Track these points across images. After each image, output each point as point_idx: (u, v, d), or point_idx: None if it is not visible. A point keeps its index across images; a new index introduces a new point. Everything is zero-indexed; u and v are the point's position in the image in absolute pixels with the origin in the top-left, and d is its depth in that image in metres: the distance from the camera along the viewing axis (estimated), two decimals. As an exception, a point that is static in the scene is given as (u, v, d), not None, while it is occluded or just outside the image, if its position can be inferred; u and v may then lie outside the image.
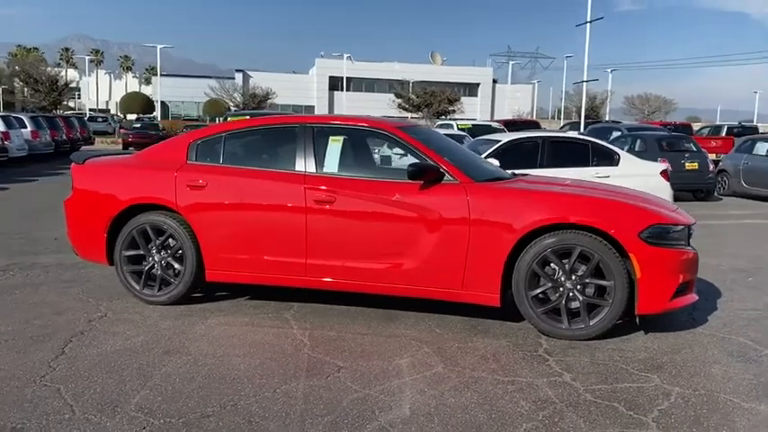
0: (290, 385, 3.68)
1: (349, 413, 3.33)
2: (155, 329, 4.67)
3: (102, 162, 5.69)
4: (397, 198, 4.77)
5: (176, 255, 5.24)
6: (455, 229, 4.63)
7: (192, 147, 5.32)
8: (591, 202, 4.65)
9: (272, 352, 4.24)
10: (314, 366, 3.98)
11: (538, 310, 4.58)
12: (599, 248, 4.45)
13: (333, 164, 5.04)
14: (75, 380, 3.71)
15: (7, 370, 3.84)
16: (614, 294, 4.45)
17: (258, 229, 5.01)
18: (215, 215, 5.08)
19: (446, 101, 45.73)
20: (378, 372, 3.91)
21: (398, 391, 3.62)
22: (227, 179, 5.10)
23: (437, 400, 3.51)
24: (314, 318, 5.00)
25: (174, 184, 5.15)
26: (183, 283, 5.23)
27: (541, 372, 3.97)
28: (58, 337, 4.45)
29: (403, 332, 4.69)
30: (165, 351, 4.22)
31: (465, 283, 4.68)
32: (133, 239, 5.29)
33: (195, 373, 3.84)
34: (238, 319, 4.95)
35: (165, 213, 5.22)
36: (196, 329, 4.69)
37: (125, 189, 5.30)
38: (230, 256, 5.09)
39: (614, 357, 4.24)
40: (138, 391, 3.56)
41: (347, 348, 4.33)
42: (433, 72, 66.33)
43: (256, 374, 3.84)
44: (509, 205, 4.63)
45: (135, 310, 5.13)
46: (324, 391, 3.60)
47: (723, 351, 4.41)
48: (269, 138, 5.42)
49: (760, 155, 15.56)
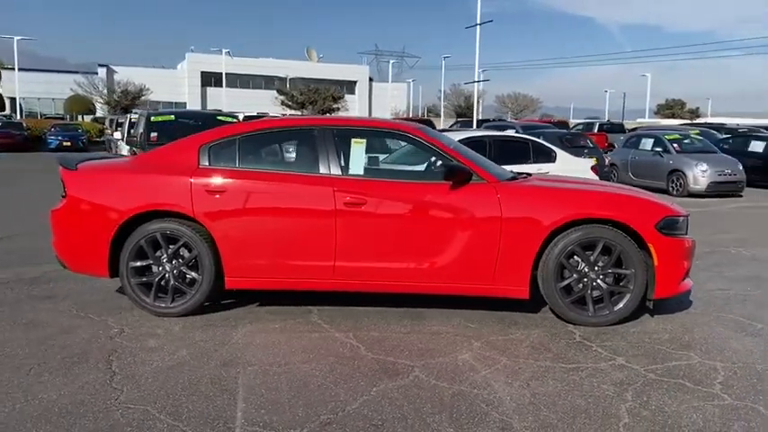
0: (379, 387, 3.71)
1: (459, 408, 3.44)
2: (190, 342, 4.48)
3: (100, 167, 5.32)
4: (430, 199, 4.88)
5: (190, 263, 5.03)
6: (488, 227, 4.83)
7: (203, 150, 5.12)
8: (612, 197, 5.03)
9: (333, 356, 4.22)
10: (386, 367, 4.02)
11: (566, 300, 4.89)
12: (621, 240, 4.82)
13: (358, 166, 5.06)
14: (156, 399, 3.52)
15: (69, 395, 3.56)
16: (635, 281, 4.85)
17: (284, 233, 4.93)
18: (237, 221, 4.94)
19: (330, 98, 45.85)
20: (451, 368, 4.02)
21: (487, 385, 3.76)
22: (250, 183, 4.97)
23: (528, 390, 3.69)
24: (343, 320, 5.01)
25: (189, 189, 4.94)
26: (200, 293, 5.03)
27: (595, 357, 4.26)
28: (93, 358, 4.15)
29: (441, 329, 4.82)
30: (222, 363, 4.08)
31: (496, 278, 4.90)
32: (141, 249, 5.01)
33: (276, 383, 3.76)
34: (268, 326, 4.85)
35: (178, 220, 4.99)
36: (234, 339, 4.55)
37: (131, 196, 5.00)
38: (253, 263, 4.97)
39: (644, 340, 4.63)
40: (234, 405, 3.45)
41: (401, 348, 4.39)
42: (310, 69, 66.03)
43: (338, 379, 3.82)
44: (538, 203, 4.90)
45: (150, 324, 4.87)
46: (418, 390, 3.67)
47: (726, 328, 4.94)
48: (286, 140, 5.33)
49: (645, 150, 17.11)
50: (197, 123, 11.90)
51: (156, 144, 10.69)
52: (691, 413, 3.41)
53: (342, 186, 4.90)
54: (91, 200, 5.07)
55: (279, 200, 4.94)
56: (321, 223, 4.89)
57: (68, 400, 3.50)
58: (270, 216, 4.93)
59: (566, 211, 4.82)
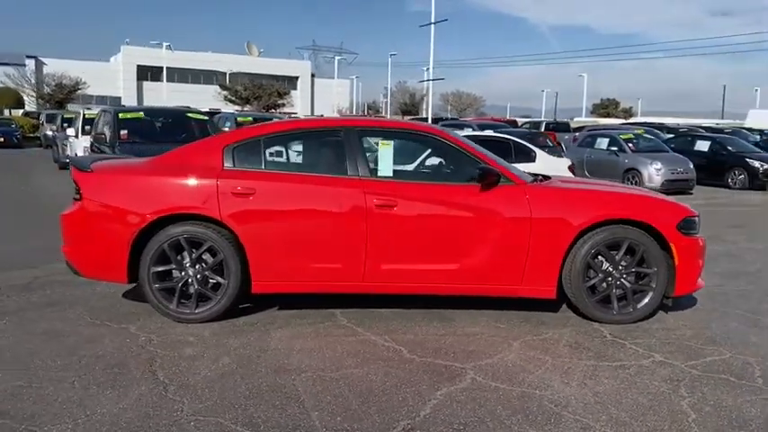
0: (442, 391, 3.72)
1: (530, 409, 3.49)
2: (228, 349, 4.37)
3: (117, 169, 5.12)
4: (461, 201, 4.92)
5: (215, 268, 4.90)
6: (518, 229, 4.90)
7: (227, 151, 4.99)
8: (636, 199, 5.19)
9: (380, 360, 4.20)
10: (439, 370, 4.03)
11: (592, 299, 5.02)
12: (644, 240, 4.98)
13: (387, 168, 5.04)
14: (223, 409, 3.42)
15: (130, 408, 3.42)
16: (658, 280, 5.02)
17: (314, 236, 4.87)
18: (266, 224, 4.84)
19: (276, 94, 45.29)
20: (503, 369, 4.07)
21: (546, 386, 3.82)
22: (278, 185, 4.88)
23: (588, 390, 3.77)
24: (372, 322, 4.98)
25: (215, 192, 4.80)
26: (227, 297, 4.91)
27: (634, 354, 4.40)
28: (134, 368, 4.00)
29: (473, 330, 4.86)
30: (273, 370, 4.00)
31: (524, 278, 4.98)
32: (163, 254, 4.85)
33: (338, 389, 3.71)
34: (301, 331, 4.78)
35: (203, 224, 4.85)
36: (272, 345, 4.46)
37: (154, 199, 4.83)
38: (282, 266, 4.89)
39: (670, 336, 4.81)
40: (307, 413, 3.39)
41: (444, 350, 4.41)
42: (251, 64, 64.92)
43: (398, 383, 3.81)
44: (567, 204, 5.00)
45: (176, 331, 4.72)
46: (482, 392, 3.70)
47: (740, 323, 5.17)
48: (312, 141, 5.26)
49: (601, 149, 17.69)
50: (167, 121, 11.58)
51: (127, 142, 10.34)
52: (749, 407, 3.57)
53: (372, 188, 4.87)
54: (110, 203, 4.87)
55: (309, 202, 4.88)
56: (352, 226, 4.85)
57: (132, 413, 3.36)
58: (299, 219, 4.86)
59: (594, 212, 4.94)
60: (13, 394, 3.58)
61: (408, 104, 52.02)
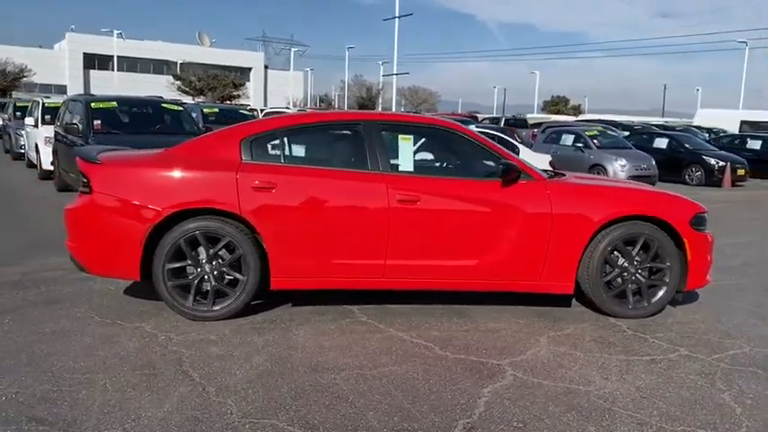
0: (488, 388, 3.69)
1: (582, 405, 3.50)
2: (256, 347, 4.25)
3: (129, 161, 4.90)
4: (482, 196, 4.90)
5: (233, 264, 4.75)
6: (539, 224, 4.91)
7: (245, 144, 4.84)
8: (652, 195, 5.27)
9: (416, 357, 4.15)
10: (477, 368, 4.01)
11: (610, 294, 5.08)
12: (658, 236, 5.06)
13: (408, 163, 4.99)
14: (274, 411, 3.32)
15: (176, 411, 3.28)
16: (671, 275, 5.12)
17: (336, 231, 4.77)
18: (287, 219, 4.72)
19: (231, 85, 44.48)
20: (540, 366, 4.07)
21: (587, 381, 3.84)
22: (300, 179, 4.76)
23: (630, 384, 3.81)
24: (392, 319, 4.93)
25: (235, 185, 4.66)
26: (246, 294, 4.77)
27: (660, 348, 4.47)
28: (165, 369, 3.84)
29: (495, 326, 4.85)
30: (311, 369, 3.90)
31: (544, 274, 5.00)
32: (179, 250, 4.68)
33: (384, 387, 3.65)
34: (323, 327, 4.68)
35: (221, 219, 4.69)
36: (299, 342, 4.36)
37: (170, 193, 4.65)
38: (303, 262, 4.78)
39: (686, 330, 4.91)
40: (360, 413, 3.32)
41: (474, 346, 4.39)
42: (203, 54, 63.53)
43: (441, 381, 3.77)
44: (587, 200, 5.04)
45: (195, 329, 4.56)
46: (528, 389, 3.69)
47: (748, 316, 5.32)
48: (330, 135, 5.15)
49: (567, 145, 18.00)
50: (141, 111, 11.22)
51: (101, 133, 9.97)
52: (787, 399, 3.67)
53: (394, 183, 4.81)
54: (123, 196, 4.66)
55: (331, 197, 4.78)
56: (374, 221, 4.78)
57: (179, 417, 3.23)
58: (321, 214, 4.76)
59: (613, 208, 5.00)
60: (44, 399, 3.38)
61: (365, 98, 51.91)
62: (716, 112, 33.88)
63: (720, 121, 31.72)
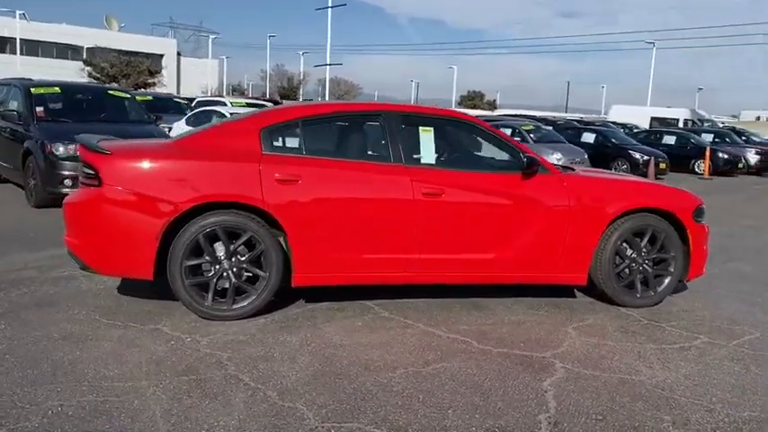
0: (548, 382, 3.69)
1: (644, 394, 3.56)
2: (294, 347, 4.07)
3: (140, 151, 4.55)
4: (504, 189, 4.91)
5: (254, 260, 4.54)
6: (558, 217, 4.97)
7: (264, 134, 4.62)
8: (660, 189, 5.45)
9: (460, 353, 4.10)
10: (525, 361, 3.99)
11: (620, 285, 5.21)
12: (664, 227, 5.24)
13: (429, 156, 4.92)
14: (361, 412, 3.18)
15: (256, 420, 3.09)
16: (675, 265, 5.31)
17: (360, 225, 4.64)
18: (312, 213, 4.54)
19: (146, 72, 42.56)
20: (583, 357, 4.11)
21: (634, 371, 3.92)
22: (324, 171, 4.60)
23: (676, 373, 3.91)
24: (415, 313, 4.85)
25: (258, 178, 4.44)
26: (267, 291, 4.57)
27: (683, 337, 4.62)
28: (210, 373, 3.61)
29: (519, 318, 4.87)
30: (364, 368, 3.78)
31: (560, 265, 5.07)
32: (197, 246, 4.42)
33: (448, 386, 3.58)
34: (351, 324, 4.55)
35: (242, 213, 4.46)
36: (335, 340, 4.21)
37: (188, 186, 4.37)
38: (327, 257, 4.62)
39: (695, 318, 5.11)
40: (444, 411, 3.24)
41: (510, 340, 4.38)
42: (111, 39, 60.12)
43: (500, 377, 3.74)
44: (602, 193, 5.15)
45: (217, 330, 4.32)
46: (586, 381, 3.72)
47: (742, 303, 5.58)
48: (351, 126, 5.00)
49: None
50: (86, 98, 10.52)
51: (44, 120, 9.28)
52: (821, 381, 3.88)
53: (418, 176, 4.73)
54: (137, 190, 4.33)
55: (356, 190, 4.64)
56: (399, 215, 4.69)
57: (256, 424, 3.04)
58: (346, 208, 4.61)
59: (625, 201, 5.12)
60: (97, 411, 3.10)
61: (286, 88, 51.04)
62: (628, 108, 35.62)
63: (632, 117, 33.37)
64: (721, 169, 22.32)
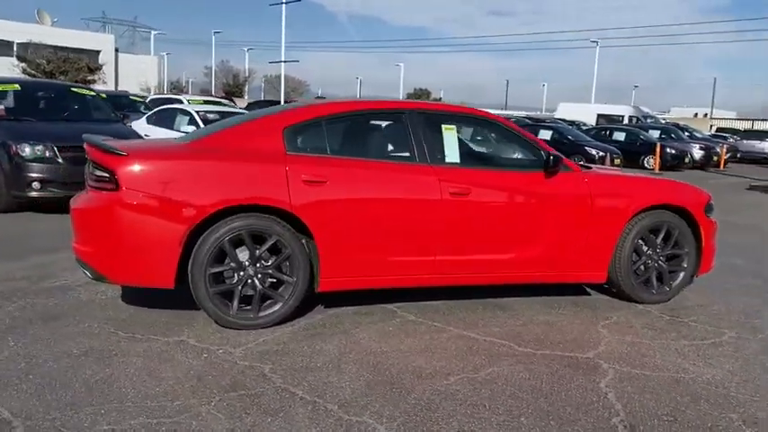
0: (603, 383, 3.63)
1: (702, 393, 3.55)
2: (334, 355, 3.90)
3: (160, 153, 4.28)
4: (529, 188, 4.85)
5: (279, 265, 4.34)
6: (580, 215, 4.95)
7: (288, 133, 4.41)
8: (673, 185, 5.48)
9: (506, 356, 4.00)
10: (572, 363, 3.93)
11: (638, 281, 5.23)
12: (678, 223, 5.29)
13: (454, 154, 4.80)
14: (442, 423, 3.04)
15: (320, 436, 2.91)
16: (689, 260, 5.37)
17: (388, 227, 4.50)
18: (339, 215, 4.37)
19: (86, 69, 40.84)
20: (625, 356, 4.08)
21: (681, 369, 3.91)
22: (352, 172, 4.43)
23: (721, 369, 3.92)
24: (440, 316, 4.74)
25: (285, 179, 4.23)
26: (295, 297, 4.37)
27: (711, 332, 4.65)
28: (259, 388, 3.41)
29: (547, 318, 4.81)
30: (416, 376, 3.64)
31: (582, 263, 5.05)
32: (221, 252, 4.19)
33: (509, 391, 3.48)
34: (383, 329, 4.41)
35: (267, 216, 4.25)
36: (373, 347, 4.06)
37: (212, 188, 4.13)
38: (354, 260, 4.46)
39: (711, 312, 5.17)
40: (517, 419, 3.14)
41: (546, 341, 4.31)
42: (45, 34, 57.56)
43: (555, 380, 3.66)
44: (621, 190, 5.15)
45: (245, 339, 4.11)
46: (643, 381, 3.68)
47: (747, 296, 5.69)
48: (374, 124, 4.84)
49: (466, 135, 18.47)
50: (49, 95, 9.96)
51: (6, 119, 8.73)
52: None
53: (445, 176, 4.62)
54: (158, 193, 4.06)
55: (384, 191, 4.49)
56: (427, 215, 4.56)
57: (332, 442, 2.86)
58: (374, 209, 4.46)
59: (644, 198, 5.14)
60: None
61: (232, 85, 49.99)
62: (575, 106, 36.47)
63: (579, 114, 34.20)
64: (669, 164, 23.06)
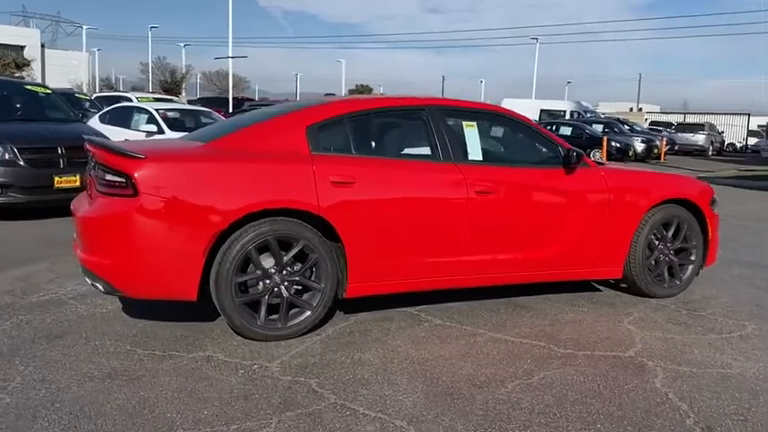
0: (659, 384, 3.57)
1: (754, 388, 3.53)
2: (378, 366, 3.71)
3: (180, 155, 3.97)
4: (551, 185, 4.78)
5: (306, 271, 4.11)
6: (600, 211, 4.91)
7: (311, 132, 4.18)
8: (683, 180, 5.52)
9: (551, 359, 3.89)
10: (619, 364, 3.85)
11: (652, 276, 5.24)
12: (687, 217, 5.33)
13: (476, 152, 4.68)
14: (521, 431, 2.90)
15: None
16: (697, 253, 5.42)
17: (416, 228, 4.34)
18: (369, 218, 4.18)
19: (13, 65, 38.77)
20: (665, 353, 4.03)
21: (724, 364, 3.88)
22: (380, 172, 4.24)
23: (760, 363, 3.92)
24: (466, 318, 4.61)
25: (313, 181, 4.01)
26: (323, 305, 4.16)
27: (730, 325, 4.68)
28: (320, 406, 3.19)
29: (570, 316, 4.75)
30: (471, 384, 3.49)
31: (599, 260, 5.01)
32: (246, 259, 3.93)
33: (571, 396, 3.37)
34: (415, 335, 4.24)
35: (294, 220, 4.02)
36: (413, 354, 3.89)
37: (237, 191, 3.86)
38: (383, 264, 4.28)
39: (723, 305, 5.22)
40: (594, 425, 3.03)
41: (582, 341, 4.22)
42: (-37, 29, 54.44)
43: (609, 381, 3.58)
44: (636, 185, 5.13)
45: (276, 352, 3.88)
46: (692, 379, 3.64)
47: (749, 287, 5.78)
48: (395, 122, 4.65)
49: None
50: (1, 93, 9.31)
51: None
52: None
53: (470, 174, 4.48)
54: (181, 198, 3.77)
55: (411, 190, 4.33)
56: (454, 215, 4.43)
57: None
58: (402, 210, 4.29)
59: (657, 192, 5.15)
60: (225, 465, 2.61)
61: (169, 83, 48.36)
62: (519, 101, 36.99)
63: (523, 109, 34.70)
64: (614, 157, 23.72)
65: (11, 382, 3.35)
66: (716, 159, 30.05)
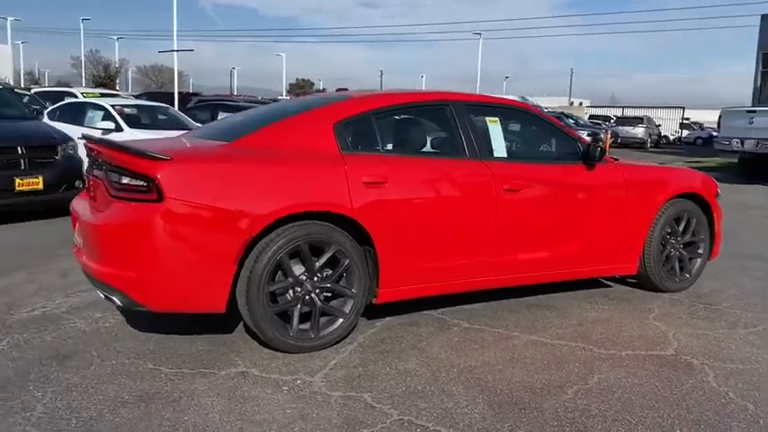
0: (713, 383, 3.51)
1: (808, 385, 3.53)
2: (425, 376, 3.51)
3: (206, 155, 3.66)
4: (574, 181, 4.69)
5: (338, 278, 3.88)
6: (619, 207, 4.86)
7: (339, 130, 3.94)
8: (692, 174, 5.51)
9: (597, 361, 3.78)
10: (666, 363, 3.78)
11: (665, 270, 5.24)
12: (696, 211, 5.35)
13: (501, 149, 4.53)
14: None
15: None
16: (705, 247, 5.45)
17: (448, 229, 4.17)
18: (400, 219, 3.97)
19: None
20: (705, 351, 3.98)
21: (761, 360, 3.87)
22: (410, 172, 4.04)
23: (799, 357, 3.96)
24: (494, 321, 4.47)
25: (345, 181, 3.77)
26: (356, 312, 3.94)
27: (750, 318, 4.69)
28: (389, 426, 2.98)
29: (595, 315, 4.67)
30: (531, 391, 3.34)
31: (617, 256, 4.97)
32: (278, 266, 3.67)
33: (636, 401, 3.27)
34: (449, 340, 4.06)
35: (326, 224, 3.77)
36: (455, 362, 3.71)
37: (269, 194, 3.59)
38: (416, 267, 4.09)
39: (734, 298, 5.25)
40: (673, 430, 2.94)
41: (621, 341, 4.12)
42: None
43: (665, 383, 3.50)
44: (651, 180, 5.11)
45: (312, 365, 3.63)
46: (744, 377, 3.59)
47: (749, 279, 5.86)
48: (419, 118, 4.44)
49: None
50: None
51: None
52: None
53: (497, 171, 4.34)
54: (209, 203, 3.46)
55: (444, 191, 4.15)
56: (483, 214, 4.28)
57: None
58: (434, 210, 4.10)
59: (671, 187, 5.14)
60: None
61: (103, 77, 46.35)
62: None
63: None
64: (564, 151, 24.13)
65: (32, 411, 3.00)
66: (655, 151, 31.04)
